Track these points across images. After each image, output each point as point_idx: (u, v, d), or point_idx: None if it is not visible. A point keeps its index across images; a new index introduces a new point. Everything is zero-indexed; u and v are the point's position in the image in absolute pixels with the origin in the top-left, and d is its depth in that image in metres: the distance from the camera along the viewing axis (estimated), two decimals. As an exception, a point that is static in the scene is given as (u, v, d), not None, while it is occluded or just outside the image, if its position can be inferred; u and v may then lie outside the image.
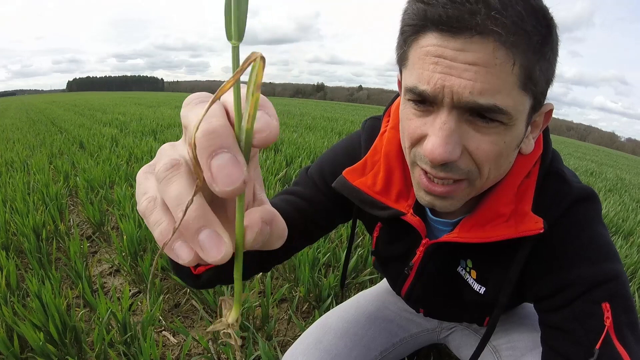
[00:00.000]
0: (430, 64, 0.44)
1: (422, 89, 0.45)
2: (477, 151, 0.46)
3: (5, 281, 1.40)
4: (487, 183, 0.51)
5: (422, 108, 0.48)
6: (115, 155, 3.83)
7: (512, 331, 0.79)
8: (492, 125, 0.45)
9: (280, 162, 3.50)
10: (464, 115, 0.45)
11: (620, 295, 0.50)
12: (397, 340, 0.92)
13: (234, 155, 0.20)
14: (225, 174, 0.19)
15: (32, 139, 5.33)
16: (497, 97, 0.42)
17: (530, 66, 0.42)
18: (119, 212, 2.12)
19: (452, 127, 0.45)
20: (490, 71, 0.41)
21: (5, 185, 2.65)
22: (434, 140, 0.45)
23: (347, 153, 0.70)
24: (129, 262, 1.64)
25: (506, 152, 0.48)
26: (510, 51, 0.41)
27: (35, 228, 1.89)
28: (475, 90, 0.42)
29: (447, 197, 0.50)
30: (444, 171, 0.48)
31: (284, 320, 1.40)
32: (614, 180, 6.69)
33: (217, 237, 0.21)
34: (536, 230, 0.50)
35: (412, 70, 0.47)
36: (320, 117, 11.33)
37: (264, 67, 0.20)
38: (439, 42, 0.43)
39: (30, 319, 1.15)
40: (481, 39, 0.40)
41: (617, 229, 2.92)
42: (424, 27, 0.44)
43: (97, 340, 1.12)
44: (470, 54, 0.41)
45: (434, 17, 0.42)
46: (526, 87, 0.44)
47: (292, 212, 0.65)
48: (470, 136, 0.46)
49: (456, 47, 0.42)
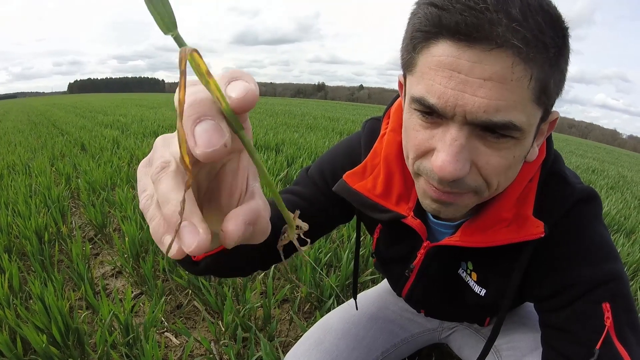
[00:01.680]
0: (442, 77, 0.41)
1: (431, 102, 0.43)
2: (487, 166, 0.45)
3: (8, 284, 1.40)
4: (495, 193, 0.50)
5: (430, 120, 0.45)
6: (117, 157, 3.84)
7: (513, 331, 0.79)
8: (503, 140, 0.43)
9: (281, 162, 3.50)
10: (474, 130, 0.43)
11: (620, 295, 0.50)
12: (399, 340, 0.92)
13: (216, 122, 0.21)
14: (207, 137, 0.20)
15: (34, 141, 5.34)
16: (512, 114, 0.40)
17: (545, 79, 0.41)
18: (121, 214, 2.13)
19: (462, 143, 0.43)
20: (506, 87, 0.39)
21: (7, 188, 2.65)
22: (443, 158, 0.43)
23: (347, 154, 0.71)
24: (131, 264, 1.64)
25: (515, 166, 0.47)
26: (528, 65, 0.39)
27: (38, 230, 1.89)
28: (491, 108, 0.40)
29: (454, 204, 0.50)
30: (450, 187, 0.47)
31: (285, 321, 1.40)
32: (616, 178, 6.67)
33: (193, 230, 0.22)
34: (537, 235, 0.50)
35: (421, 79, 0.44)
36: (322, 116, 11.32)
37: (200, 55, 0.21)
38: (454, 53, 0.40)
39: (33, 322, 1.16)
40: (500, 52, 0.38)
41: (619, 227, 2.91)
42: (438, 35, 0.41)
43: (99, 342, 1.12)
44: (487, 68, 0.39)
45: (450, 24, 0.39)
46: (540, 100, 0.42)
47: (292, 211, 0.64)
48: (480, 152, 0.44)
49: (472, 58, 0.39)
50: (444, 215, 0.52)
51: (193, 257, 0.49)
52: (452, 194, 0.48)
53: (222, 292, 1.41)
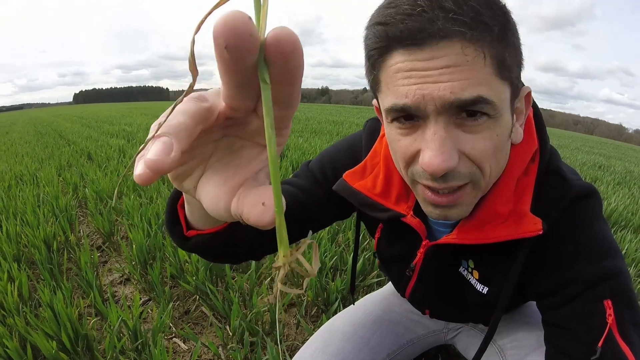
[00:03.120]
0: (403, 79, 0.44)
1: (402, 104, 0.45)
2: (474, 151, 0.45)
3: (18, 292, 1.42)
4: (491, 181, 0.51)
5: (407, 125, 0.47)
6: (123, 165, 3.87)
7: (517, 330, 0.79)
8: (481, 120, 0.44)
9: (286, 167, 3.52)
10: (450, 119, 0.44)
11: (622, 292, 0.50)
12: (404, 342, 0.92)
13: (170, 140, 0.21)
14: (155, 150, 0.21)
15: (41, 152, 5.40)
16: (479, 89, 0.42)
17: (500, 55, 0.43)
18: (128, 222, 2.15)
19: (443, 135, 0.44)
20: (464, 69, 0.41)
21: (16, 198, 2.69)
22: (429, 153, 0.44)
23: (348, 152, 0.72)
24: (138, 271, 1.66)
25: (501, 145, 0.47)
26: (477, 45, 0.41)
27: (46, 239, 1.91)
28: (456, 88, 0.42)
29: (456, 204, 0.50)
30: (446, 181, 0.47)
31: (292, 325, 1.41)
32: (623, 173, 6.59)
33: (169, 145, 0.21)
34: (535, 231, 0.50)
35: (387, 90, 0.47)
36: (326, 120, 11.32)
37: None
38: (407, 57, 0.43)
39: (42, 329, 1.17)
40: (447, 42, 0.41)
41: (626, 223, 2.86)
42: (389, 47, 0.44)
43: (108, 348, 1.14)
44: (441, 59, 0.41)
45: (396, 34, 0.42)
46: (503, 75, 0.44)
47: (290, 201, 0.65)
48: (463, 139, 0.45)
49: (424, 57, 0.42)
50: (452, 218, 0.52)
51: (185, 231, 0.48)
52: (451, 195, 0.48)
53: (229, 297, 1.42)
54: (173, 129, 0.21)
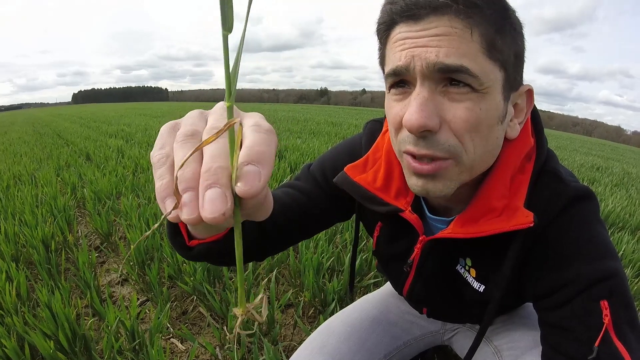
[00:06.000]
0: (399, 46, 0.49)
1: (394, 66, 0.49)
2: (454, 119, 0.47)
3: (16, 292, 1.42)
4: (477, 162, 0.51)
5: (400, 91, 0.51)
6: (122, 166, 3.87)
7: (513, 331, 0.79)
8: (464, 90, 0.47)
9: (284, 168, 3.52)
10: (437, 87, 0.48)
11: (618, 292, 0.50)
12: (401, 343, 0.93)
13: (223, 191, 0.24)
14: (211, 205, 0.24)
15: (39, 152, 5.40)
16: (463, 60, 0.45)
17: (489, 35, 0.46)
18: (126, 223, 2.15)
19: (425, 95, 0.47)
20: (451, 38, 0.45)
21: (14, 198, 2.69)
22: (409, 110, 0.48)
23: (348, 152, 0.73)
24: (136, 272, 1.66)
25: (486, 122, 0.48)
26: (466, 21, 0.45)
27: (44, 239, 1.92)
28: (441, 53, 0.45)
29: (437, 176, 0.50)
30: (425, 147, 0.48)
31: (289, 326, 1.41)
32: (621, 175, 6.60)
33: (196, 201, 0.24)
34: (526, 223, 0.50)
35: (387, 60, 0.52)
36: (324, 122, 11.33)
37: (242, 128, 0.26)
38: (405, 29, 0.48)
39: (40, 328, 1.17)
40: (437, 16, 0.46)
41: (624, 224, 2.88)
42: (393, 22, 0.50)
43: (106, 348, 1.14)
44: (431, 30, 0.46)
45: (397, 10, 0.48)
46: (491, 54, 0.47)
47: (291, 203, 0.67)
48: (446, 107, 0.48)
49: (418, 28, 0.47)
50: (433, 193, 0.52)
51: (187, 242, 0.49)
52: (432, 163, 0.49)
53: (226, 298, 1.42)
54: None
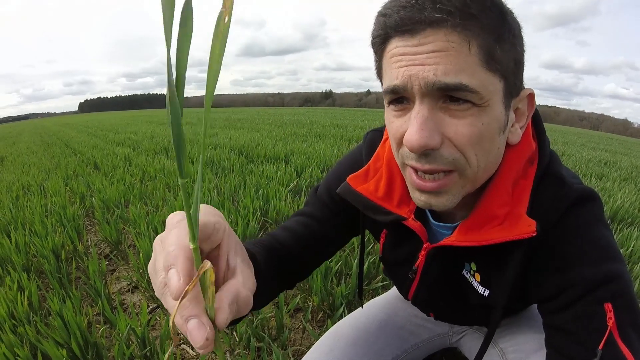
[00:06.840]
0: (396, 63, 0.48)
1: (393, 85, 0.48)
2: (457, 136, 0.47)
3: (28, 301, 1.45)
4: (480, 173, 0.51)
5: (399, 107, 0.50)
6: (129, 174, 3.91)
7: (519, 334, 0.79)
8: (465, 106, 0.46)
9: (290, 173, 3.53)
10: (436, 103, 0.47)
11: (622, 295, 0.49)
12: (409, 346, 0.93)
13: (199, 321, 0.30)
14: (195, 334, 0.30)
15: (47, 162, 5.47)
16: (462, 76, 0.44)
17: (487, 45, 0.45)
18: (135, 231, 2.17)
19: (425, 114, 0.47)
20: (449, 54, 0.44)
21: (24, 209, 2.73)
22: (410, 129, 0.47)
23: (350, 167, 0.73)
24: (146, 279, 1.68)
25: (488, 135, 0.48)
26: (463, 34, 0.44)
27: (55, 249, 1.94)
28: (439, 71, 0.44)
29: (441, 192, 0.50)
30: (428, 162, 0.48)
31: (299, 330, 1.42)
32: (629, 169, 6.49)
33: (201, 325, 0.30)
34: (528, 233, 0.50)
35: (385, 75, 0.51)
36: (330, 124, 11.30)
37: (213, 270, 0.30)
38: (401, 44, 0.47)
39: (52, 337, 1.19)
40: (433, 30, 0.44)
41: (633, 220, 2.83)
42: (388, 36, 0.49)
43: (117, 355, 1.16)
44: (428, 45, 0.45)
45: (392, 24, 0.47)
46: (490, 66, 0.45)
47: (306, 234, 0.70)
48: (447, 123, 0.47)
49: (415, 43, 0.46)
50: (437, 207, 0.52)
51: None
52: (435, 181, 0.49)
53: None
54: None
